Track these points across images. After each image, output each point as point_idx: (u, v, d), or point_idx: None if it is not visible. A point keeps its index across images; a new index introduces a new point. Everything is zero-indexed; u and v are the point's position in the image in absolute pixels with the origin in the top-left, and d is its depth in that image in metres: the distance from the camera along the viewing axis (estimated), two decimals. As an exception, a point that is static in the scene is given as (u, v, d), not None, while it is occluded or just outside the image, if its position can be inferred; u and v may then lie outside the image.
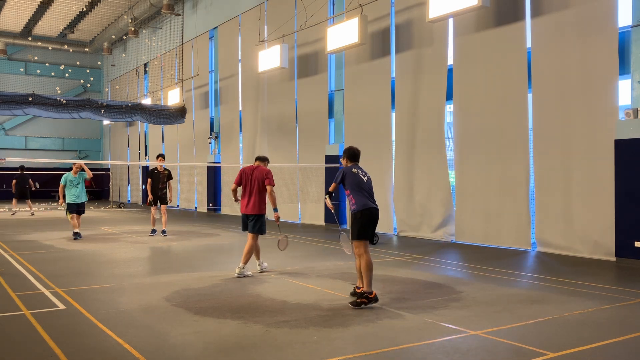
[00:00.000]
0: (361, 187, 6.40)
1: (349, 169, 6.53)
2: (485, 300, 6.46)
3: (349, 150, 6.76)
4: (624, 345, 4.78)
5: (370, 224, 6.33)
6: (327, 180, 15.90)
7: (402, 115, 13.41)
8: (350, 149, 6.77)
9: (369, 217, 6.31)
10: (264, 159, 8.30)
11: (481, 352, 4.54)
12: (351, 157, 6.72)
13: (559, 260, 9.50)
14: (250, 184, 8.00)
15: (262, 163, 8.22)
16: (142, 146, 29.35)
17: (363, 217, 6.28)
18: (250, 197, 7.99)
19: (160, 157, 13.43)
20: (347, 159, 6.74)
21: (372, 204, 6.38)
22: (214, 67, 22.54)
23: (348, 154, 6.74)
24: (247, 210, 8.00)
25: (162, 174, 13.27)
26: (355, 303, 6.05)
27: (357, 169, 6.56)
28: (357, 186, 6.39)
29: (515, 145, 10.92)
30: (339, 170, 6.61)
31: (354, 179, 6.43)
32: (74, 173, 12.32)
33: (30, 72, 31.75)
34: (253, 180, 7.99)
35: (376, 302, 6.15)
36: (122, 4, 25.60)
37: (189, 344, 4.73)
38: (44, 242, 12.04)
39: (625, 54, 9.45)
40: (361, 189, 6.39)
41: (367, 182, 6.51)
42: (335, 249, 10.92)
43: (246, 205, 7.99)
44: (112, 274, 8.18)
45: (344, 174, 6.49)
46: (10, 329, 5.22)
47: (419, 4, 12.67)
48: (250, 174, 8.04)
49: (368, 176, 6.63)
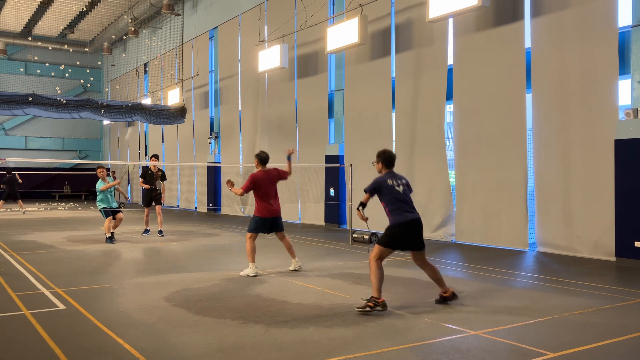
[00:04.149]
0: (397, 200, 5.91)
1: (384, 179, 5.98)
2: (485, 300, 6.46)
3: (385, 154, 6.08)
4: (624, 345, 4.78)
5: (403, 237, 5.91)
6: (327, 180, 15.91)
7: (402, 115, 13.41)
8: (386, 153, 6.10)
9: (405, 230, 5.90)
10: (264, 160, 8.24)
11: (481, 352, 4.54)
12: (387, 163, 6.08)
13: (559, 260, 9.50)
14: (271, 187, 8.16)
15: (265, 166, 8.25)
16: (142, 146, 29.37)
17: (398, 230, 5.89)
18: (275, 199, 8.19)
19: (154, 157, 13.33)
20: (382, 165, 6.09)
21: (410, 215, 5.93)
22: (214, 67, 22.54)
23: (383, 159, 6.07)
24: (277, 213, 8.18)
25: (155, 174, 13.19)
26: (361, 307, 5.77)
27: (392, 178, 6.01)
28: (394, 200, 5.91)
29: (514, 145, 10.92)
30: (374, 180, 6.06)
31: (390, 192, 5.93)
32: (104, 180, 11.88)
33: (30, 72, 31.75)
34: (272, 183, 8.18)
35: (384, 309, 5.78)
36: (122, 4, 25.60)
37: (189, 344, 4.73)
38: (44, 242, 12.04)
39: (625, 54, 9.45)
40: (397, 202, 5.90)
41: (403, 192, 5.98)
42: (335, 249, 10.93)
43: (274, 208, 8.14)
44: (112, 274, 8.18)
45: (379, 187, 5.96)
46: (10, 329, 5.22)
47: (419, 4, 12.67)
48: (267, 178, 8.12)
49: (405, 181, 6.13)
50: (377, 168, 6.18)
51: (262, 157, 8.30)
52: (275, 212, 8.16)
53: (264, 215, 8.08)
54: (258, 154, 8.36)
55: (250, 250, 8.05)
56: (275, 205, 8.15)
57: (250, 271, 7.99)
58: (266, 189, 8.07)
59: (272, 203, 8.12)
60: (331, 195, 15.65)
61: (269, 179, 8.16)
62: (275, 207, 8.16)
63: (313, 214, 16.58)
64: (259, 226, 8.10)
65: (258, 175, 8.11)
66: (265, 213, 8.08)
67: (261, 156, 8.31)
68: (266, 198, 8.08)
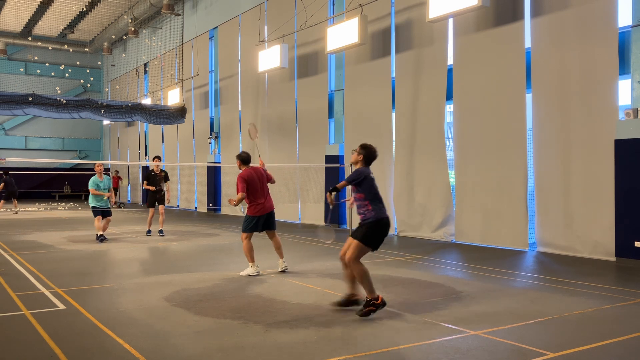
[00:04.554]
0: (377, 194, 5.79)
1: (367, 171, 5.82)
2: (485, 300, 6.46)
3: (369, 150, 5.89)
4: (624, 345, 4.78)
5: (383, 235, 5.78)
6: (327, 180, 15.91)
7: (402, 115, 13.41)
8: (371, 149, 5.91)
9: (385, 228, 5.76)
10: (246, 159, 8.23)
11: (481, 352, 4.54)
12: (369, 160, 5.92)
13: (559, 260, 9.50)
14: (263, 184, 8.15)
15: (249, 165, 8.24)
16: (142, 146, 29.37)
17: (380, 227, 5.69)
18: (267, 195, 8.17)
19: (157, 158, 13.44)
20: (363, 161, 5.91)
21: (385, 213, 5.83)
22: (214, 67, 22.54)
23: (367, 155, 5.89)
24: (269, 209, 8.13)
25: (158, 175, 13.31)
26: (364, 313, 5.56)
27: (371, 173, 5.91)
28: (375, 193, 5.78)
29: (514, 145, 10.92)
30: (356, 171, 5.84)
31: (373, 184, 5.79)
32: (100, 176, 12.06)
33: (30, 72, 31.75)
34: (262, 180, 8.18)
35: (384, 306, 5.64)
36: (122, 4, 25.60)
37: (189, 344, 4.73)
38: (44, 242, 12.04)
39: (625, 54, 9.45)
40: (377, 196, 5.78)
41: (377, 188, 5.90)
42: (335, 249, 10.92)
43: (266, 205, 8.09)
44: (112, 274, 8.18)
45: (364, 177, 5.74)
46: (10, 329, 5.22)
47: (419, 4, 12.67)
48: (255, 175, 8.11)
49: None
50: (355, 158, 5.93)
51: (243, 157, 8.24)
52: (268, 208, 8.11)
53: (256, 213, 8.04)
54: (239, 155, 8.27)
55: (247, 250, 8.03)
56: (267, 203, 8.11)
57: (250, 271, 7.98)
58: (255, 186, 8.04)
59: (264, 200, 8.08)
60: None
61: (257, 176, 8.13)
62: (267, 204, 8.11)
63: (313, 214, 16.58)
64: (252, 225, 8.06)
65: (246, 173, 8.07)
66: (257, 211, 8.04)
67: (242, 156, 8.25)
68: (257, 195, 8.04)
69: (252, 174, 8.09)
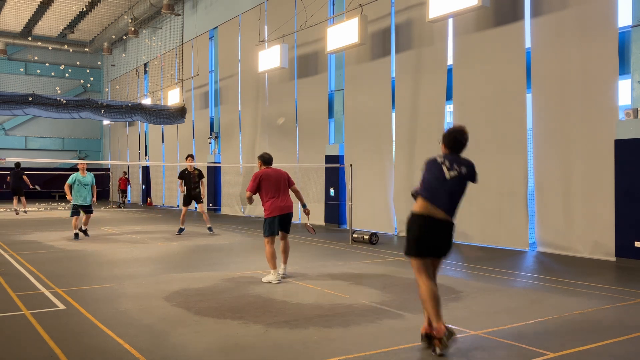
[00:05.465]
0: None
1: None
2: (485, 300, 6.46)
3: (450, 135, 5.28)
4: (624, 345, 4.78)
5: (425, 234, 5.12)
6: (327, 180, 15.91)
7: (402, 115, 13.41)
8: (452, 134, 5.32)
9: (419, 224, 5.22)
10: (268, 160, 7.91)
11: (481, 352, 4.53)
12: (451, 144, 5.28)
13: (559, 260, 9.50)
14: (280, 184, 7.68)
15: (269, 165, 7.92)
16: (142, 146, 29.37)
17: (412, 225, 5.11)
18: (285, 196, 7.71)
19: (190, 157, 13.63)
20: (445, 146, 5.36)
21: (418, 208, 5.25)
22: (213, 67, 22.54)
23: (448, 140, 5.31)
24: (286, 209, 7.67)
25: (192, 174, 13.54)
26: (439, 349, 4.44)
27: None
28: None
29: (514, 145, 10.91)
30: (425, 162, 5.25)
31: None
32: (82, 173, 12.23)
33: (30, 72, 31.76)
34: (280, 180, 7.70)
35: (453, 335, 4.44)
36: (122, 4, 25.60)
37: (189, 344, 4.73)
38: (44, 242, 12.04)
39: (625, 54, 9.45)
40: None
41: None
42: (336, 249, 10.93)
43: (282, 204, 7.64)
44: (112, 274, 8.18)
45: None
46: (10, 329, 5.22)
47: (419, 4, 12.67)
48: (274, 174, 7.70)
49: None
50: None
51: (265, 158, 7.87)
52: (285, 208, 7.66)
53: (270, 214, 7.60)
54: (261, 155, 7.92)
55: (269, 256, 7.53)
56: (281, 202, 7.63)
57: (272, 277, 7.50)
58: (272, 184, 7.60)
59: (280, 200, 7.62)
60: (331, 195, 15.65)
61: (276, 175, 7.72)
62: (282, 204, 7.64)
63: (313, 214, 16.55)
64: (272, 227, 7.59)
65: (261, 171, 7.69)
66: (272, 211, 7.59)
67: (264, 157, 7.89)
68: (272, 194, 7.60)
69: (270, 173, 7.68)
